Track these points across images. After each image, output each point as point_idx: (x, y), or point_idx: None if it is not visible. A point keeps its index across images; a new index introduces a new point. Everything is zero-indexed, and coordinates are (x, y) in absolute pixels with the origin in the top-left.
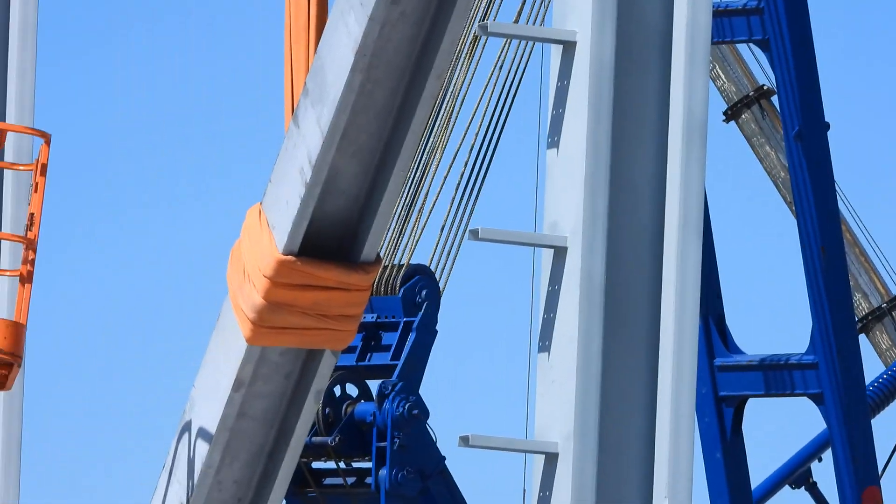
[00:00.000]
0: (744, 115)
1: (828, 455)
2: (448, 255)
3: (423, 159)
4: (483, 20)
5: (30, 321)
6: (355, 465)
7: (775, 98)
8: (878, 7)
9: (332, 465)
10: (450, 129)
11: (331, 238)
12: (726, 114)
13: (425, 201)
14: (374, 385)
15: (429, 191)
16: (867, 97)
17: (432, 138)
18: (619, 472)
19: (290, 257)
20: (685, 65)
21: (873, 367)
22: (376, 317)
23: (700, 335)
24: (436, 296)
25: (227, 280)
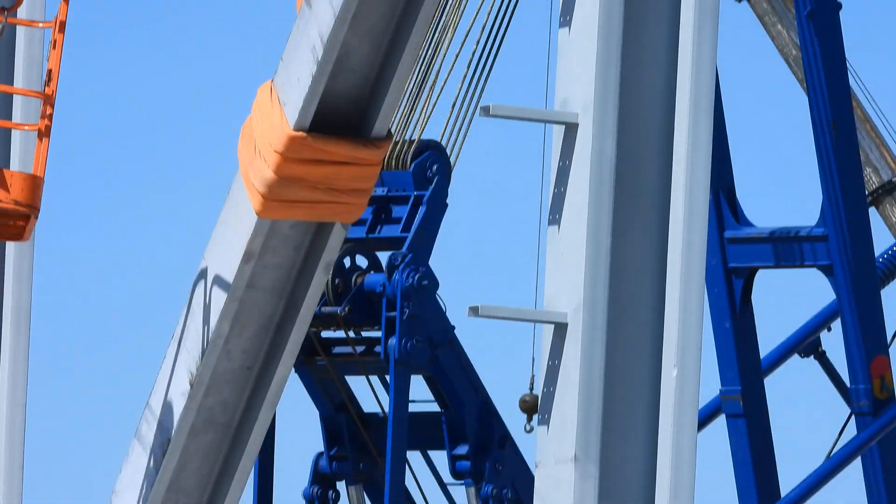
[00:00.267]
0: None
1: (837, 325)
2: (459, 130)
3: (436, 37)
4: None
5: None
6: (364, 335)
7: None
8: None
9: (341, 334)
10: (462, 6)
11: (342, 114)
12: None
13: (437, 78)
14: (383, 257)
15: (440, 67)
16: None
17: (445, 16)
18: (627, 342)
19: (300, 133)
20: None
21: (883, 240)
22: (387, 190)
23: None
24: (446, 170)
25: (238, 155)
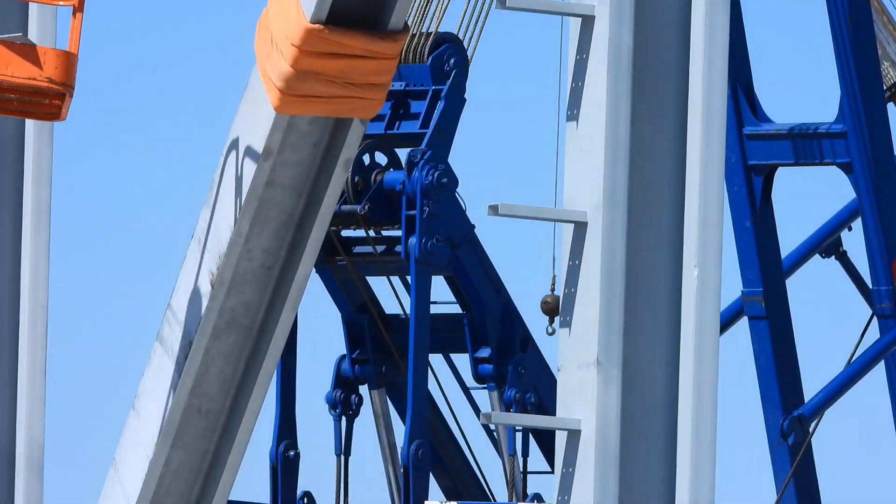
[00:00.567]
0: None
1: (857, 224)
2: (476, 23)
3: None
4: None
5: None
6: (385, 234)
7: None
8: None
9: (361, 233)
10: None
11: (358, 6)
12: None
13: None
14: (402, 153)
15: None
16: None
17: None
18: (647, 241)
19: (317, 25)
20: None
21: None
22: (405, 85)
23: (729, 103)
24: (464, 64)
25: (255, 49)
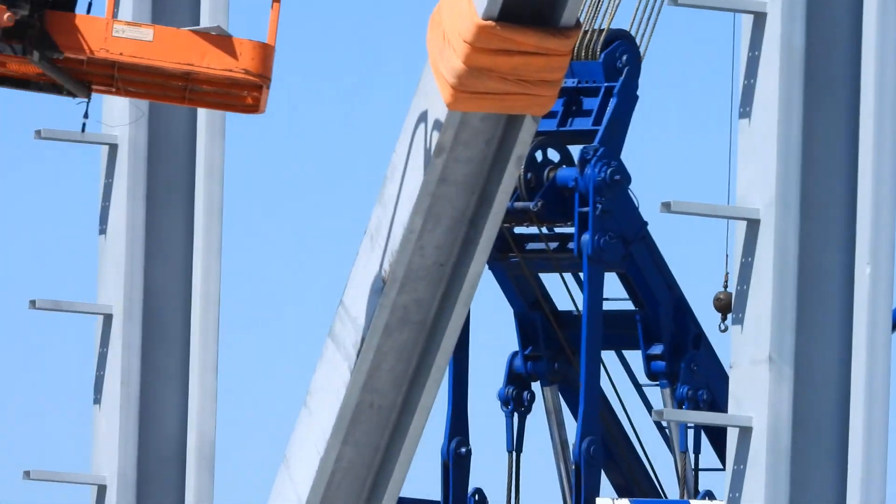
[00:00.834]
0: None
1: None
2: (649, 19)
3: None
4: None
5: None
6: (557, 230)
7: None
8: None
9: (534, 230)
10: None
11: (530, 3)
12: None
13: None
14: (575, 150)
15: None
16: None
17: None
18: (820, 238)
19: (489, 22)
20: None
21: None
22: (577, 81)
23: None
24: (636, 60)
25: (428, 46)
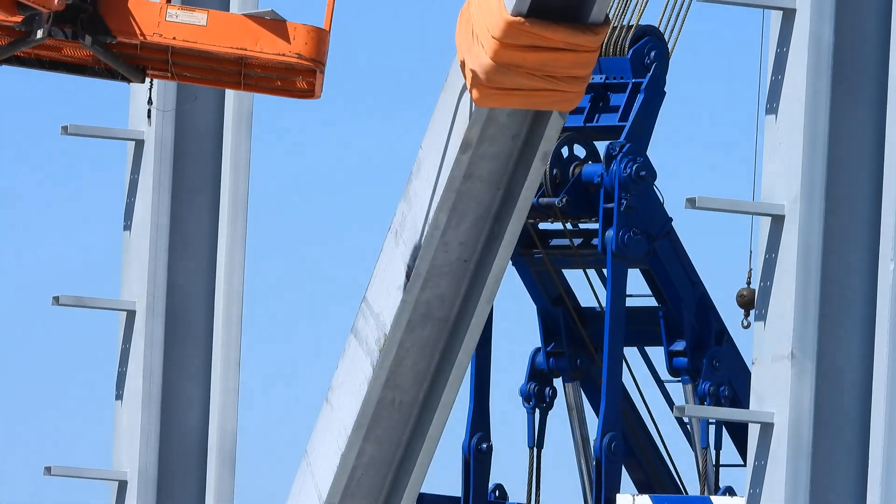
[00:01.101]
0: None
1: None
2: (677, 16)
3: None
4: None
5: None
6: (582, 226)
7: None
8: None
9: (558, 225)
10: None
11: None
12: None
13: None
14: (601, 146)
15: None
16: None
17: None
18: (844, 234)
19: (518, 18)
20: None
21: None
22: (605, 77)
23: None
24: (664, 57)
25: (456, 41)
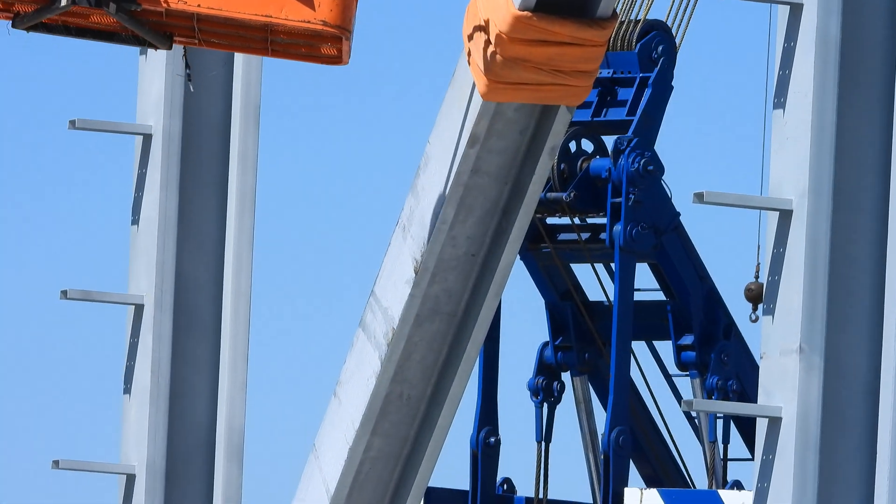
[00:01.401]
0: None
1: None
2: (685, 10)
3: None
4: None
5: None
6: (590, 221)
7: None
8: None
9: (566, 220)
10: None
11: None
12: None
13: None
14: (609, 141)
15: None
16: None
17: None
18: (852, 230)
19: (525, 13)
20: None
21: None
22: (612, 72)
23: None
24: (672, 51)
25: (463, 36)
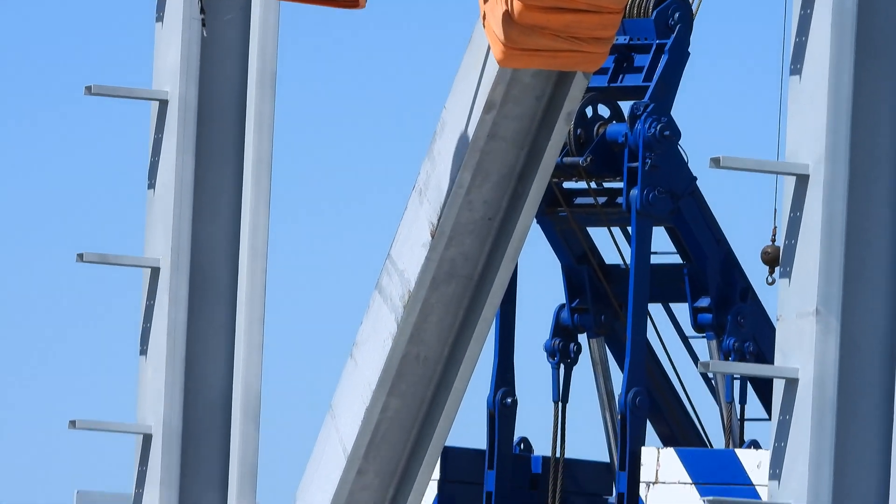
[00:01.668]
0: None
1: None
2: None
3: None
4: None
5: None
6: (606, 185)
7: None
8: None
9: (583, 184)
10: None
11: None
12: None
13: None
14: (625, 107)
15: None
16: None
17: None
18: (869, 194)
19: None
20: None
21: None
22: (629, 39)
23: None
24: (688, 18)
25: (480, 2)
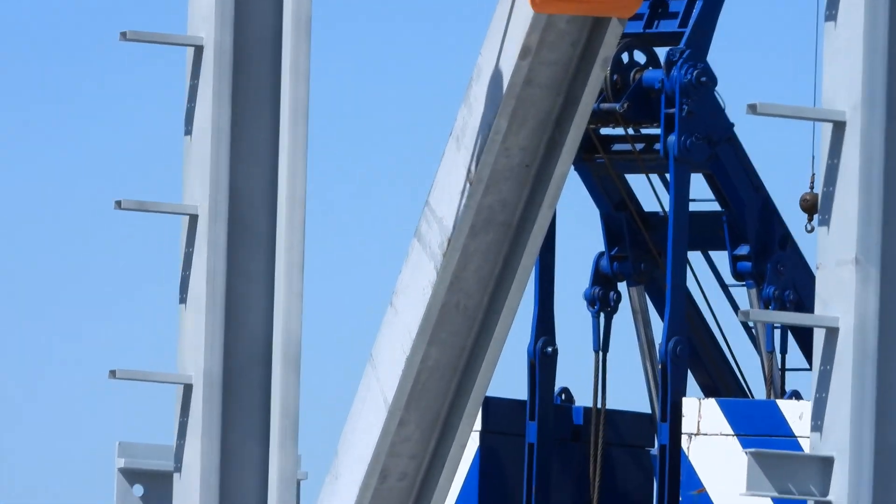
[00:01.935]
0: None
1: None
2: None
3: None
4: None
5: None
6: (643, 132)
7: None
8: None
9: (620, 131)
10: None
11: None
12: None
13: None
14: (661, 53)
15: None
16: None
17: None
18: None
19: None
20: None
21: None
22: None
23: None
24: None
25: None
